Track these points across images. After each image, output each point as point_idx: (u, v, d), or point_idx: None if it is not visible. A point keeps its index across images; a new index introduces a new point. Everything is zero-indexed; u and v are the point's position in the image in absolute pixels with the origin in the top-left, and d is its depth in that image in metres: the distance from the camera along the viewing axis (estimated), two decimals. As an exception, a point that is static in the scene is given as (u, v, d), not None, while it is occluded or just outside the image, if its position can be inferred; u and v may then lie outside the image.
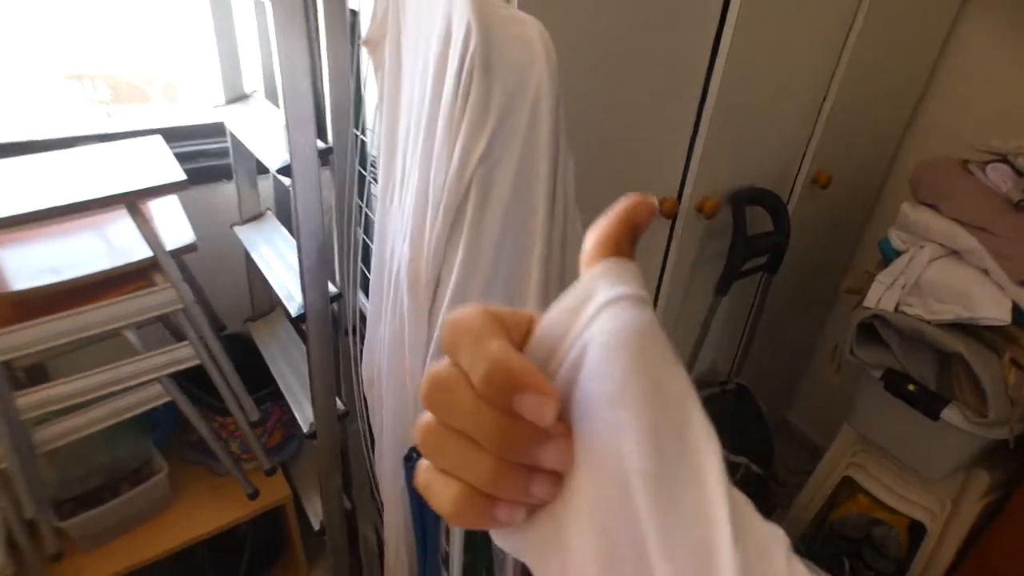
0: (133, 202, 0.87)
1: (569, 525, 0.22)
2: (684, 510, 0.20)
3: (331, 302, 0.97)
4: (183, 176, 0.90)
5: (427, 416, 0.22)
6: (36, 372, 1.08)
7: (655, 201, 0.24)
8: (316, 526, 1.30)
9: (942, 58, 1.45)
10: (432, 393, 0.22)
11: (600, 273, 0.22)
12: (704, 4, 0.91)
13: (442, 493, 0.22)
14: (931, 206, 1.16)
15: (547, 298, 0.68)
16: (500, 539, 0.25)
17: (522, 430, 0.21)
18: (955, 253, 1.11)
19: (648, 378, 0.20)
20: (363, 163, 0.97)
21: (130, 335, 0.96)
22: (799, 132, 1.25)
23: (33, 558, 1.01)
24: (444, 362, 0.22)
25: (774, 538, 0.22)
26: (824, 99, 1.23)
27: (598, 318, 0.21)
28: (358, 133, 0.93)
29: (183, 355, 1.01)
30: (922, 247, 1.14)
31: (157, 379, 1.00)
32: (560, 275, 0.69)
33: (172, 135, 1.17)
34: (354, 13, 0.85)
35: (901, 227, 1.20)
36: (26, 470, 0.92)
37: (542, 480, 0.22)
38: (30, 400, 0.90)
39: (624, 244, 0.23)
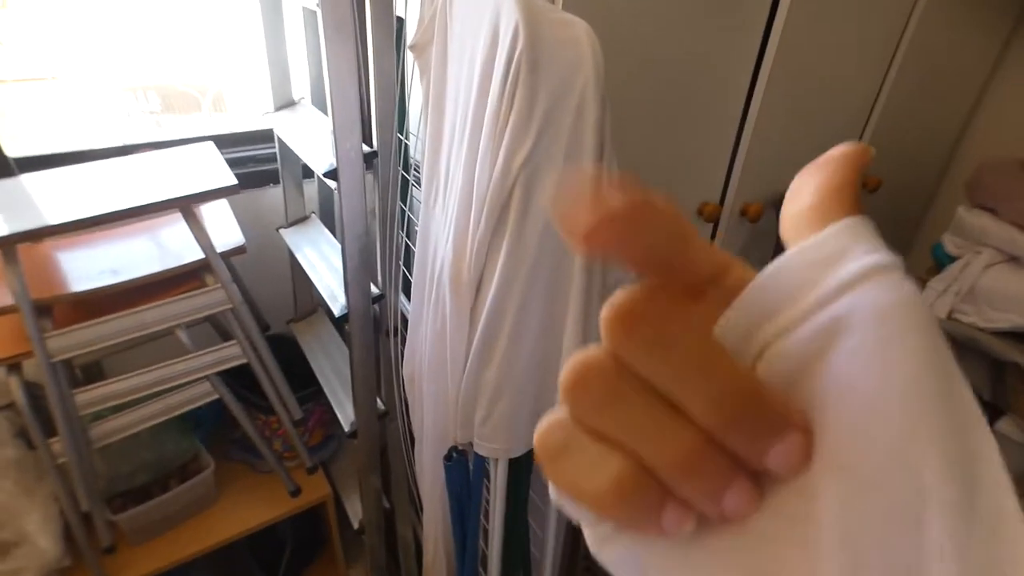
0: (187, 206, 0.90)
1: (775, 536, 0.16)
2: (978, 550, 0.14)
3: (373, 303, 0.98)
4: (234, 180, 0.93)
5: (603, 354, 0.16)
6: (92, 370, 1.13)
7: (872, 150, 0.19)
8: (355, 525, 1.31)
9: (1003, 56, 1.40)
10: (638, 311, 0.15)
11: (854, 229, 0.16)
12: (753, 4, 0.90)
13: (595, 470, 0.16)
14: (989, 209, 1.12)
15: (589, 301, 0.68)
16: (623, 548, 0.18)
17: (763, 404, 0.15)
18: (1014, 259, 1.07)
19: (942, 380, 0.15)
20: (406, 167, 0.99)
21: (181, 334, 0.99)
22: (847, 134, 1.22)
23: (88, 550, 1.04)
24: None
25: None
26: (875, 100, 1.20)
27: (862, 286, 0.15)
28: (402, 137, 0.95)
29: (231, 354, 1.04)
30: (978, 253, 1.10)
31: (206, 377, 1.03)
32: (602, 278, 0.69)
33: (223, 141, 1.22)
34: (400, 20, 0.87)
35: (956, 232, 1.17)
36: (82, 465, 0.96)
37: (744, 487, 0.16)
38: (87, 397, 0.94)
39: (858, 200, 0.17)
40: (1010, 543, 0.14)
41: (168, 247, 1.00)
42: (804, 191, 0.18)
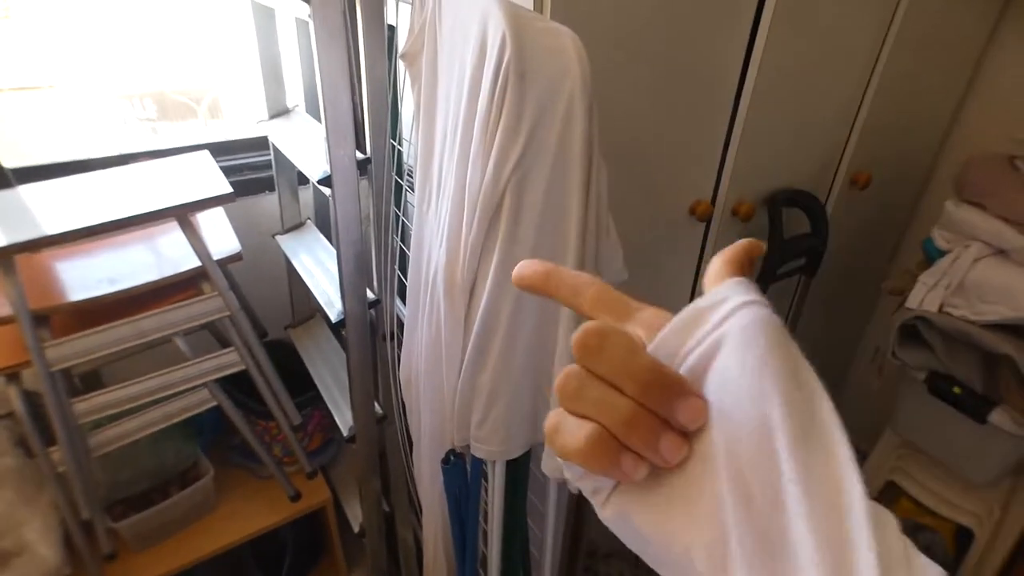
0: (183, 215, 0.91)
1: (700, 476, 0.24)
2: (819, 468, 0.22)
3: (369, 308, 0.99)
4: (230, 189, 0.94)
5: (573, 365, 0.25)
6: (91, 379, 1.14)
7: (764, 245, 0.31)
8: (356, 529, 1.32)
9: (987, 53, 1.42)
10: (588, 339, 0.24)
11: (734, 283, 0.25)
12: (739, 5, 0.91)
13: (575, 432, 0.24)
14: (976, 204, 1.13)
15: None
16: (614, 507, 0.26)
17: (665, 382, 0.24)
18: (1002, 252, 1.09)
19: (786, 360, 0.23)
20: (399, 172, 1.00)
21: (180, 342, 1.00)
22: (837, 132, 1.23)
23: (89, 558, 1.05)
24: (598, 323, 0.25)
25: (888, 515, 0.23)
26: (862, 98, 1.21)
27: (735, 315, 0.24)
28: (395, 144, 0.96)
29: (229, 361, 1.05)
30: (967, 246, 1.12)
31: (204, 384, 1.04)
32: (595, 279, 0.70)
33: (218, 150, 1.22)
34: (392, 28, 0.88)
35: (945, 226, 1.18)
36: (82, 473, 0.97)
37: (672, 437, 0.24)
38: (87, 406, 0.94)
39: (747, 268, 0.28)
40: (840, 461, 0.22)
41: (165, 255, 1.01)
42: (714, 263, 0.29)
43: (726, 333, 0.24)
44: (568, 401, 0.25)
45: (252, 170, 1.30)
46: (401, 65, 0.81)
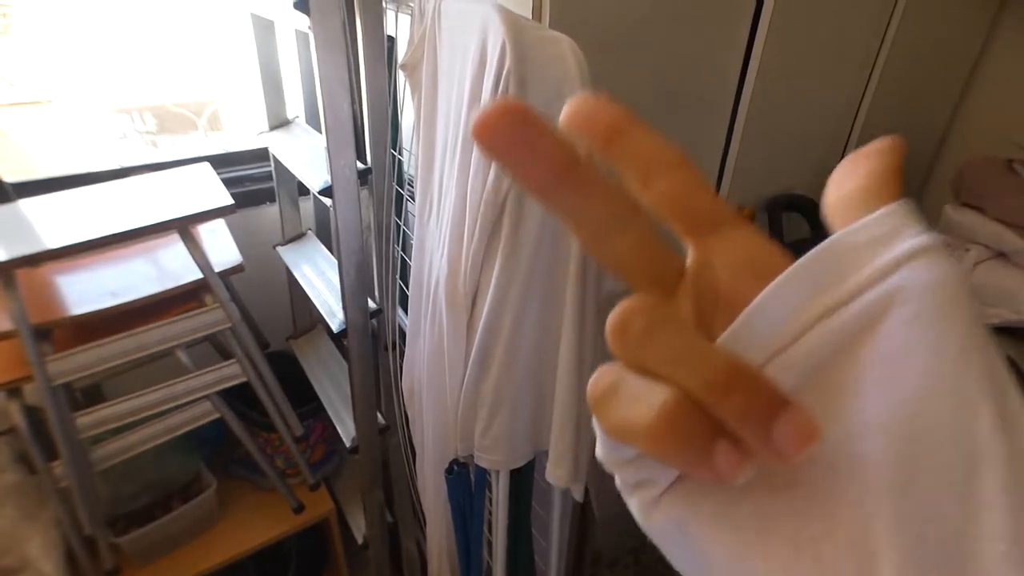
0: (184, 227, 0.91)
1: (824, 488, 0.16)
2: None
3: (371, 318, 0.99)
4: (230, 201, 0.94)
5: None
6: (93, 392, 1.13)
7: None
8: (359, 540, 1.31)
9: (983, 56, 1.42)
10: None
11: (905, 211, 0.17)
12: (736, 11, 0.92)
13: (645, 396, 0.16)
14: (975, 207, 1.13)
15: (583, 311, 0.69)
16: (668, 510, 0.18)
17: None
18: (1002, 255, 1.09)
19: (988, 347, 0.16)
20: (400, 182, 1.00)
21: (181, 354, 0.99)
22: (836, 136, 1.23)
23: (91, 574, 1.04)
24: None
25: None
26: (860, 101, 1.22)
27: (916, 262, 0.16)
28: (395, 154, 0.96)
29: (231, 373, 1.04)
30: (967, 250, 1.12)
31: (207, 396, 1.03)
32: (596, 288, 0.70)
33: (219, 161, 1.23)
34: (391, 39, 0.88)
35: (944, 230, 1.18)
36: (84, 488, 0.96)
37: (797, 416, 0.15)
38: (88, 420, 0.94)
39: (902, 187, 0.18)
40: None
41: (166, 268, 1.01)
42: (851, 177, 0.19)
43: (904, 288, 0.16)
44: (632, 348, 0.16)
45: (253, 181, 1.30)
46: (401, 75, 0.82)
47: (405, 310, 0.99)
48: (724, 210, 0.19)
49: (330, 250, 1.19)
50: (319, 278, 1.13)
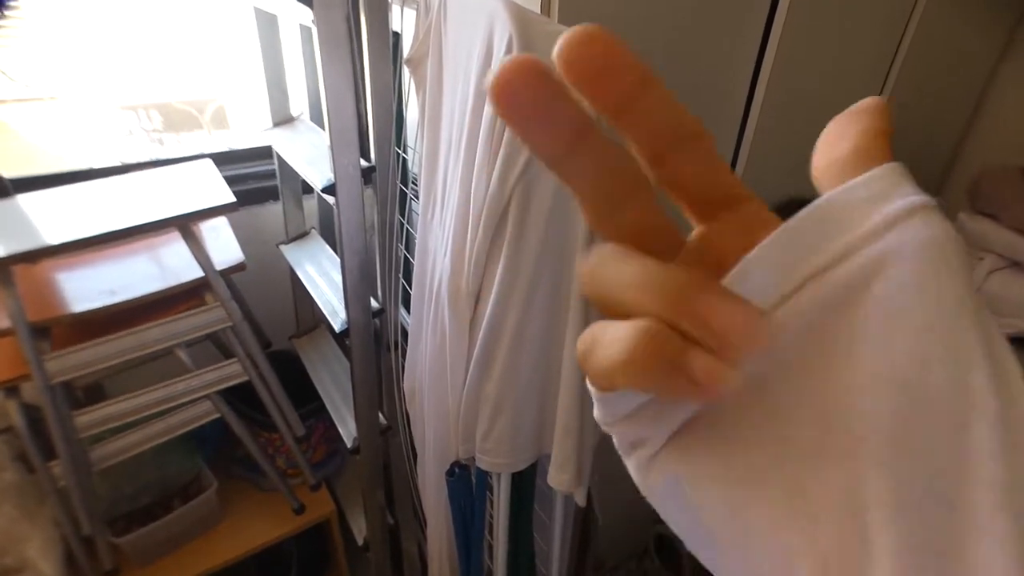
0: (185, 224, 0.90)
1: (816, 439, 0.16)
2: (1018, 459, 0.15)
3: (373, 317, 0.98)
4: (233, 198, 0.93)
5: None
6: (93, 391, 1.12)
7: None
8: (360, 541, 1.30)
9: (1001, 63, 1.40)
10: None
11: (897, 171, 0.17)
12: (750, 9, 0.90)
13: (616, 335, 0.16)
14: (990, 216, 1.11)
15: (588, 312, 0.67)
16: (664, 468, 0.19)
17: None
18: (1017, 264, 1.07)
19: (980, 305, 0.16)
20: (404, 181, 0.99)
21: (182, 353, 0.98)
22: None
23: (91, 574, 1.03)
24: None
25: None
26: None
27: (910, 221, 0.16)
28: (399, 151, 0.95)
29: (232, 372, 1.03)
30: (981, 259, 1.10)
31: (207, 396, 1.02)
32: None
33: (222, 159, 1.22)
34: (396, 35, 0.87)
35: (957, 236, 1.16)
36: (83, 487, 0.95)
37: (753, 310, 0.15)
38: (87, 419, 0.93)
39: (892, 148, 0.18)
40: None
41: (167, 266, 1.00)
42: (842, 137, 0.19)
43: (900, 247, 0.16)
44: (598, 282, 0.17)
45: (256, 179, 1.29)
46: (406, 71, 0.80)
47: (408, 310, 0.98)
48: (738, 188, 0.19)
49: (333, 249, 1.18)
50: (322, 277, 1.12)
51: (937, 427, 0.15)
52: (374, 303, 0.98)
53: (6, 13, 1.01)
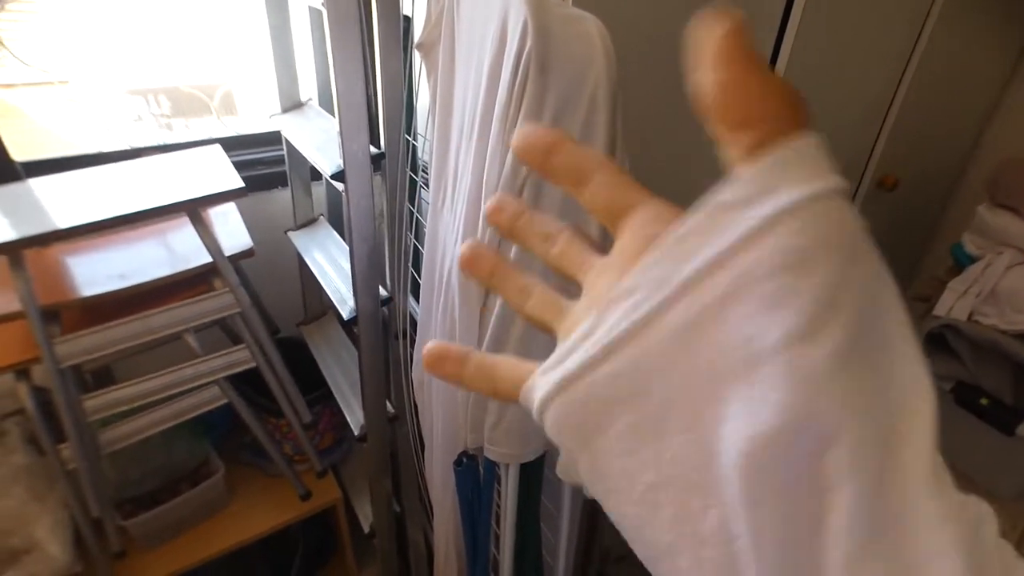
0: (194, 209, 0.90)
1: (712, 484, 0.16)
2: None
3: (382, 306, 0.97)
4: (241, 184, 0.92)
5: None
6: (102, 375, 1.13)
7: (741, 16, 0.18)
8: (366, 529, 1.31)
9: (1023, 56, 1.37)
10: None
11: (772, 167, 0.16)
12: (762, 9, 0.88)
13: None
14: (1010, 208, 1.09)
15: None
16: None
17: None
18: (1035, 257, 1.05)
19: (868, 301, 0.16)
20: (414, 168, 0.98)
21: (190, 338, 0.98)
22: (865, 132, 1.19)
23: (99, 556, 1.04)
24: None
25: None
26: (893, 97, 1.17)
27: (764, 240, 0.15)
28: (409, 138, 0.94)
29: (240, 358, 1.03)
30: (1000, 252, 1.08)
31: (215, 381, 1.02)
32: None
33: (230, 144, 1.21)
34: (407, 19, 0.85)
35: (976, 231, 1.14)
36: (92, 470, 0.95)
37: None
38: (96, 403, 0.93)
39: (768, 78, 0.17)
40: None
41: (176, 251, 0.99)
42: (709, 72, 0.18)
43: (748, 272, 0.15)
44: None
45: (265, 165, 1.28)
46: (417, 56, 0.79)
47: (417, 299, 0.97)
48: (640, 195, 0.21)
49: (342, 236, 1.18)
50: (330, 264, 1.11)
51: (792, 506, 0.15)
52: (383, 291, 0.97)
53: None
